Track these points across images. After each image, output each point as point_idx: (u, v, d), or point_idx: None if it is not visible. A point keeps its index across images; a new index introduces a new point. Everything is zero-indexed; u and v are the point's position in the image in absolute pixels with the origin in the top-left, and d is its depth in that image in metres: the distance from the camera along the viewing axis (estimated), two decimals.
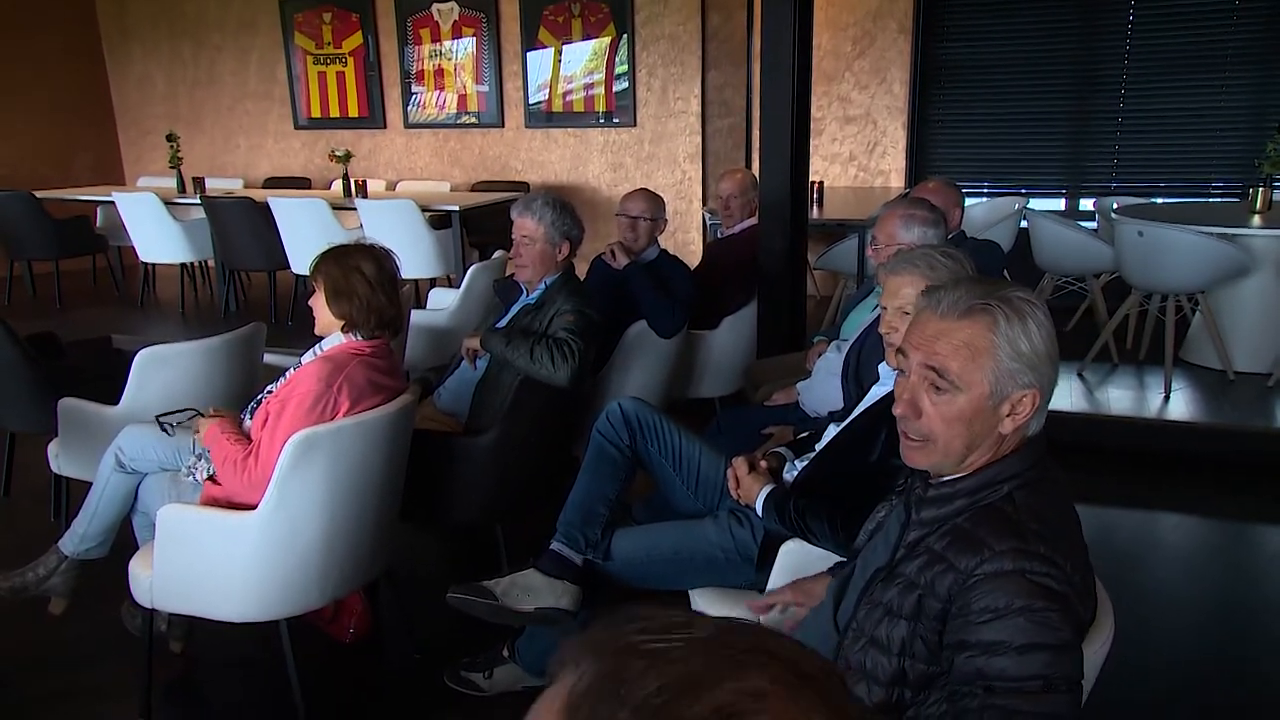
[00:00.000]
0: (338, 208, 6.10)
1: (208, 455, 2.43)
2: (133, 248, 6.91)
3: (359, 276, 2.40)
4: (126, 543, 2.68)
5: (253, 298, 7.08)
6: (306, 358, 2.49)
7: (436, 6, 7.46)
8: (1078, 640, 1.28)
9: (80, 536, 2.64)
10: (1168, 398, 4.76)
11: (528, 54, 7.29)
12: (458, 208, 6.02)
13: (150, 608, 2.34)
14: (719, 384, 4.11)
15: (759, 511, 2.13)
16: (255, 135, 8.39)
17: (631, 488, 2.72)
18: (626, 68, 7.02)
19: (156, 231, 6.70)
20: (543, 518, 2.75)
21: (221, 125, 8.47)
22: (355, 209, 6.13)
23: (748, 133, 7.14)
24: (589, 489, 2.61)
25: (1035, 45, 6.80)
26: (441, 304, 4.57)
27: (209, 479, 2.44)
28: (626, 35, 6.96)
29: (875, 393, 2.22)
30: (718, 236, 4.67)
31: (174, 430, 2.59)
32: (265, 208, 6.15)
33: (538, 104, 7.39)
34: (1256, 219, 5.06)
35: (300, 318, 6.06)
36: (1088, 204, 6.81)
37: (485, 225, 6.58)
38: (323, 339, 2.49)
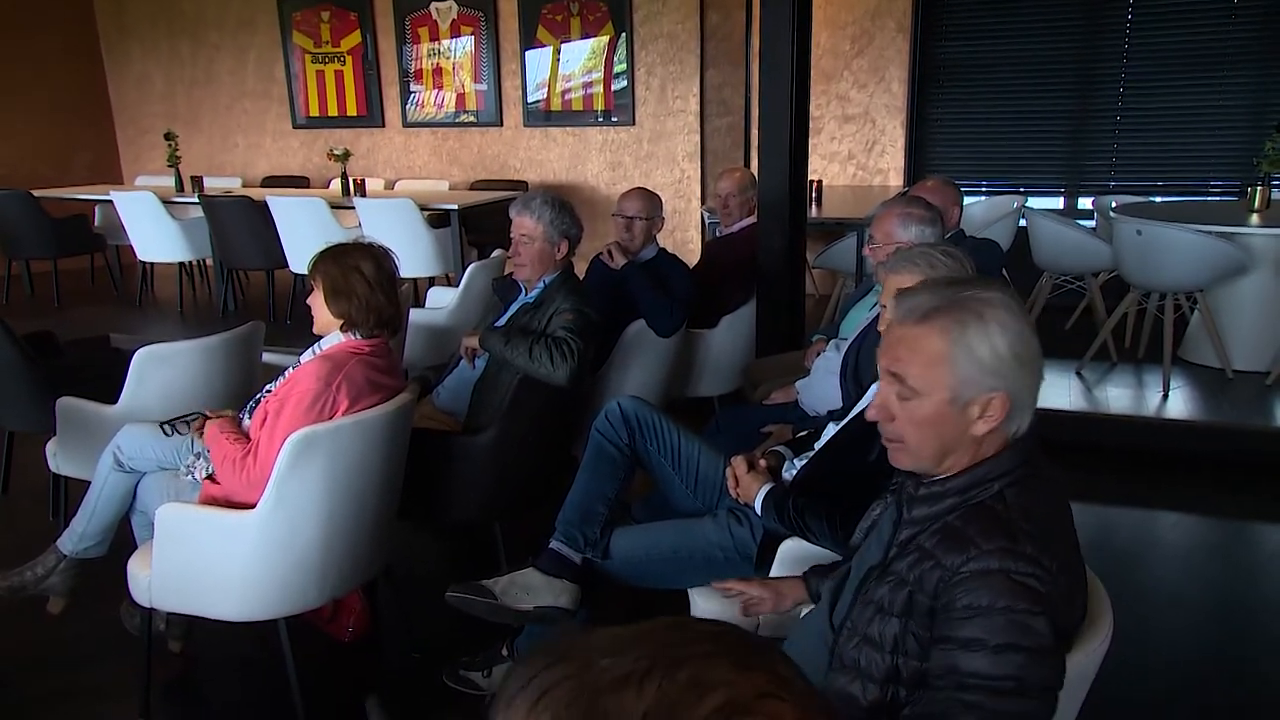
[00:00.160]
0: (336, 207, 6.10)
1: (206, 454, 2.43)
2: (131, 247, 6.91)
3: (358, 276, 2.40)
4: (125, 542, 2.68)
5: (251, 297, 7.08)
6: (305, 357, 2.49)
7: (435, 5, 7.45)
8: (1058, 647, 1.28)
9: (79, 535, 2.64)
10: (1166, 396, 4.76)
11: (526, 53, 7.29)
12: (456, 206, 6.01)
13: (149, 607, 2.34)
14: (718, 383, 4.11)
15: (758, 510, 2.13)
16: (253, 134, 8.38)
17: (630, 487, 2.73)
18: (625, 66, 7.02)
19: (155, 230, 6.69)
20: (541, 517, 2.75)
21: (220, 124, 8.47)
22: (354, 208, 6.12)
23: (746, 131, 7.14)
24: (588, 488, 2.61)
25: (1034, 44, 6.80)
26: (440, 303, 4.57)
27: (208, 478, 2.44)
28: (625, 34, 6.96)
29: (874, 391, 2.22)
30: (716, 235, 4.67)
31: (175, 432, 2.59)
32: (264, 207, 6.15)
33: (536, 103, 7.39)
34: (1255, 218, 5.06)
35: (299, 317, 6.06)
36: (1086, 203, 6.82)
37: (484, 224, 6.58)
38: (321, 338, 2.49)
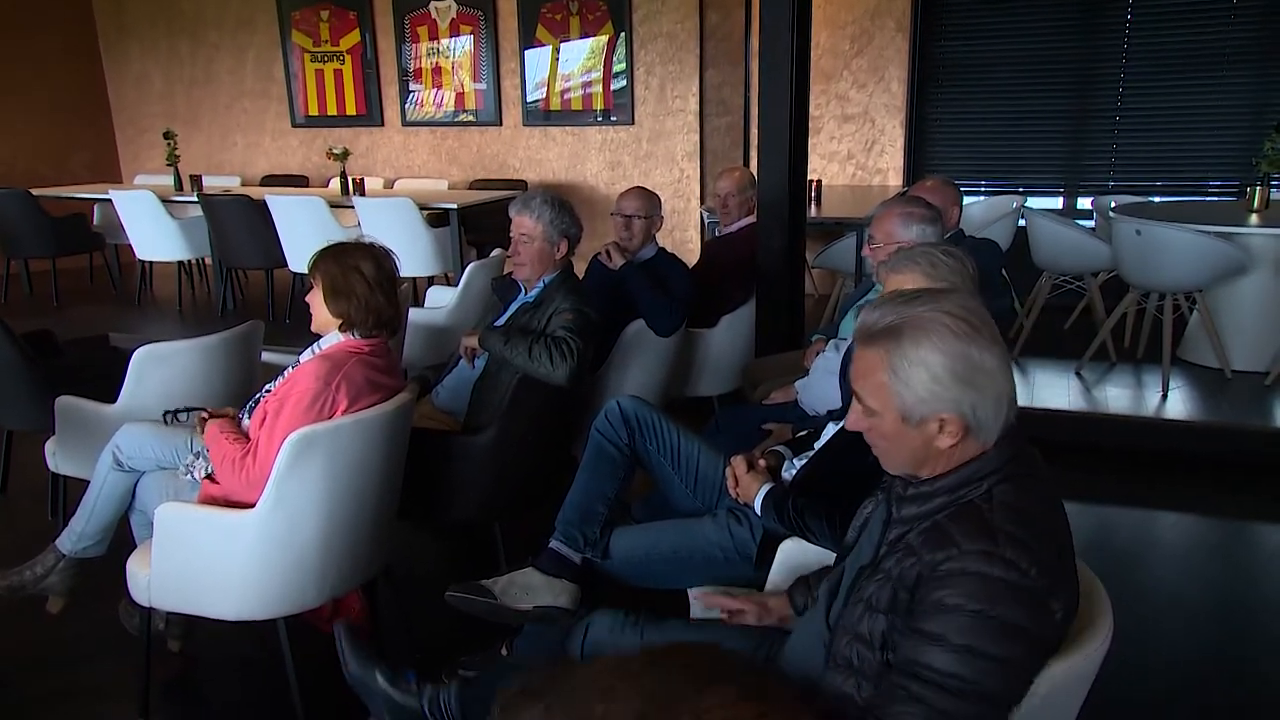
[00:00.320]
0: (335, 206, 6.10)
1: (205, 453, 2.43)
2: (130, 246, 6.91)
3: (358, 276, 2.40)
4: (124, 541, 2.67)
5: (250, 296, 7.08)
6: (305, 356, 2.49)
7: (434, 4, 7.45)
8: (1028, 660, 1.27)
9: (78, 535, 2.64)
10: (1165, 396, 4.76)
11: (525, 52, 7.29)
12: (455, 206, 6.01)
13: (148, 606, 2.34)
14: (717, 382, 4.11)
15: (758, 510, 2.13)
16: (253, 133, 8.38)
17: (630, 487, 2.72)
18: (624, 66, 7.02)
19: (154, 229, 6.69)
20: (541, 516, 2.75)
21: (219, 123, 8.46)
22: (353, 207, 6.12)
23: (746, 131, 7.14)
24: (588, 487, 2.61)
25: (1033, 44, 6.80)
26: (439, 302, 4.57)
27: (207, 477, 2.43)
28: (624, 33, 6.96)
29: None
30: (716, 235, 4.67)
31: (175, 420, 2.58)
32: (263, 206, 6.15)
33: (535, 102, 7.38)
34: (1254, 218, 5.06)
35: (298, 316, 6.05)
36: (1085, 203, 6.82)
37: (483, 223, 6.58)
38: (321, 337, 2.49)
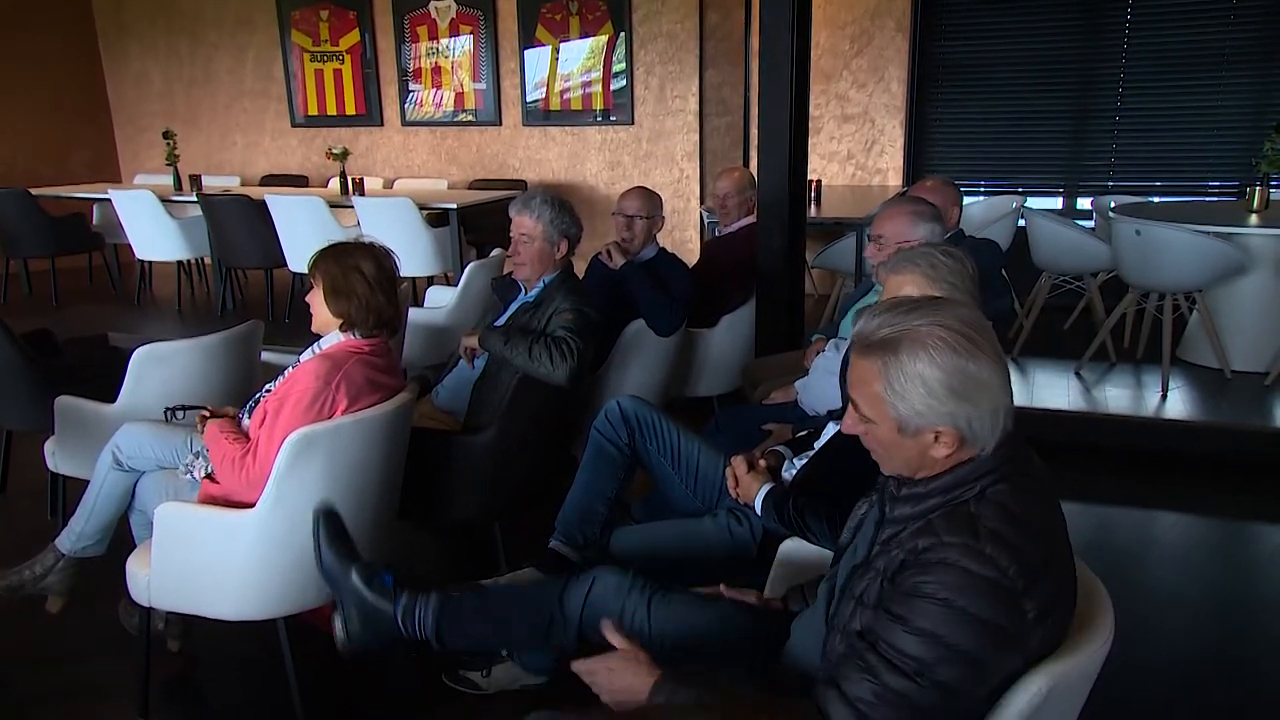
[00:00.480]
0: (335, 205, 6.09)
1: (205, 453, 2.42)
2: (129, 245, 6.91)
3: (358, 276, 2.40)
4: (124, 541, 2.67)
5: (250, 296, 7.07)
6: (305, 356, 2.48)
7: (434, 4, 7.44)
8: (986, 655, 1.28)
9: (77, 535, 2.63)
10: (1165, 396, 4.76)
11: (525, 52, 7.28)
12: (455, 206, 6.01)
13: (148, 606, 2.33)
14: (717, 382, 4.11)
15: (758, 510, 2.13)
16: (252, 133, 8.37)
17: (630, 487, 2.73)
18: (624, 66, 7.02)
19: (153, 229, 6.69)
20: (541, 516, 2.75)
21: (218, 123, 8.46)
22: (352, 207, 6.12)
23: (745, 131, 7.15)
24: (588, 487, 2.61)
25: (1033, 44, 6.80)
26: (439, 302, 4.57)
27: (207, 477, 2.43)
28: (624, 33, 6.95)
29: None
30: (716, 235, 4.67)
31: (174, 418, 2.58)
32: (262, 205, 6.14)
33: (535, 102, 7.38)
34: (1254, 218, 5.07)
35: (297, 316, 6.05)
36: (1085, 203, 6.82)
37: (483, 223, 6.58)
38: (321, 337, 2.49)
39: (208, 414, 2.47)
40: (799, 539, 2.08)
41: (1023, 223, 5.81)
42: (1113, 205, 5.68)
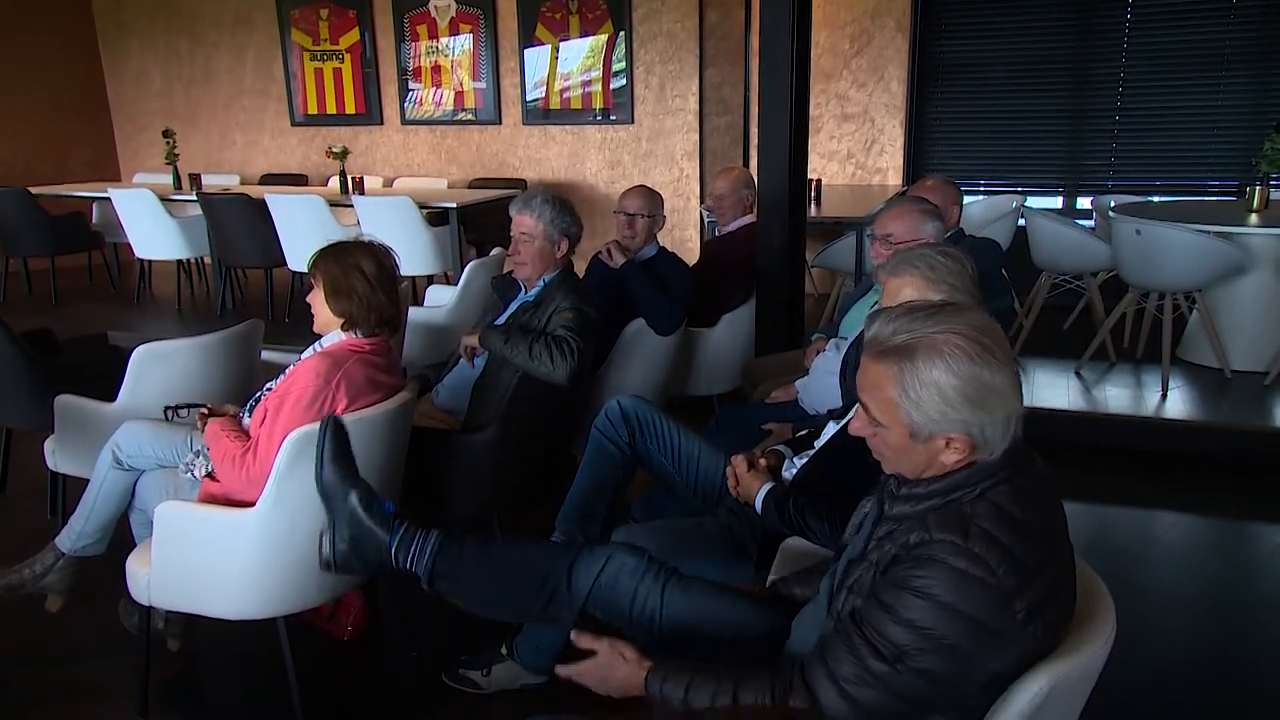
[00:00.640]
0: (335, 204, 6.09)
1: (205, 452, 2.42)
2: (129, 244, 6.90)
3: (359, 275, 2.39)
4: (124, 540, 2.67)
5: (249, 295, 7.07)
6: (305, 355, 2.48)
7: (434, 3, 7.44)
8: (970, 650, 1.29)
9: (77, 534, 2.63)
10: (1165, 396, 4.76)
11: (525, 51, 7.28)
12: (455, 205, 6.01)
13: (148, 605, 2.33)
14: (717, 381, 4.11)
15: (758, 509, 2.13)
16: (252, 131, 8.37)
17: (631, 486, 2.72)
18: (624, 65, 7.02)
19: (153, 228, 6.68)
20: (542, 516, 2.75)
21: (218, 122, 8.45)
22: (352, 206, 6.12)
23: (745, 130, 7.14)
24: (588, 486, 2.61)
25: (1033, 43, 6.80)
26: (439, 301, 4.57)
27: (207, 476, 2.43)
28: (624, 32, 6.95)
29: None
30: (715, 234, 4.67)
31: (176, 416, 2.58)
32: (262, 204, 6.14)
33: (535, 101, 7.38)
34: (1254, 217, 5.06)
35: (297, 315, 6.05)
36: (1085, 202, 6.82)
37: (482, 222, 6.57)
38: (321, 336, 2.49)
39: (207, 412, 2.47)
40: (799, 538, 2.08)
41: (1022, 222, 5.81)
42: (1113, 205, 5.68)
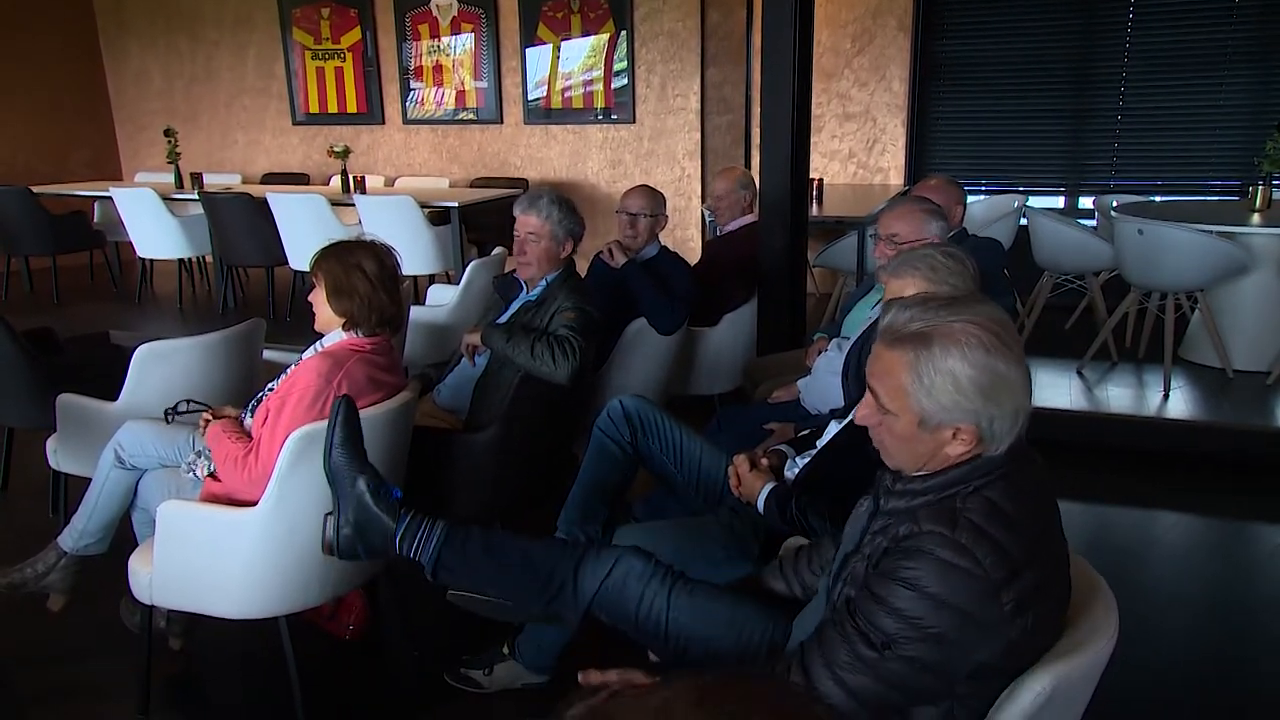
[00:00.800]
0: (336, 204, 6.10)
1: (207, 452, 2.42)
2: (130, 243, 6.91)
3: (360, 274, 2.39)
4: (126, 539, 2.67)
5: (251, 294, 7.08)
6: (307, 354, 2.48)
7: (435, 2, 7.44)
8: (957, 638, 1.30)
9: (79, 533, 2.63)
10: (1167, 396, 4.76)
11: (526, 50, 7.28)
12: (457, 204, 6.01)
13: (149, 604, 2.33)
14: (718, 381, 4.11)
15: (760, 509, 2.13)
16: (253, 131, 8.37)
17: (632, 486, 2.72)
18: (625, 64, 7.01)
19: (154, 227, 6.69)
20: (543, 515, 2.75)
21: (219, 121, 8.46)
22: (354, 205, 6.12)
23: (747, 130, 7.14)
24: (590, 486, 2.61)
25: (1035, 43, 6.80)
26: (441, 300, 4.57)
27: (209, 475, 2.43)
28: (625, 31, 6.95)
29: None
30: (717, 234, 4.67)
31: (176, 417, 2.58)
32: (263, 203, 6.15)
33: (536, 100, 7.38)
34: (1256, 217, 5.06)
35: (299, 314, 6.05)
36: (1087, 202, 6.81)
37: (484, 221, 6.58)
38: (323, 335, 2.49)
39: (209, 417, 2.48)
40: (801, 537, 2.08)
41: (1024, 222, 5.81)
42: (1115, 204, 5.67)
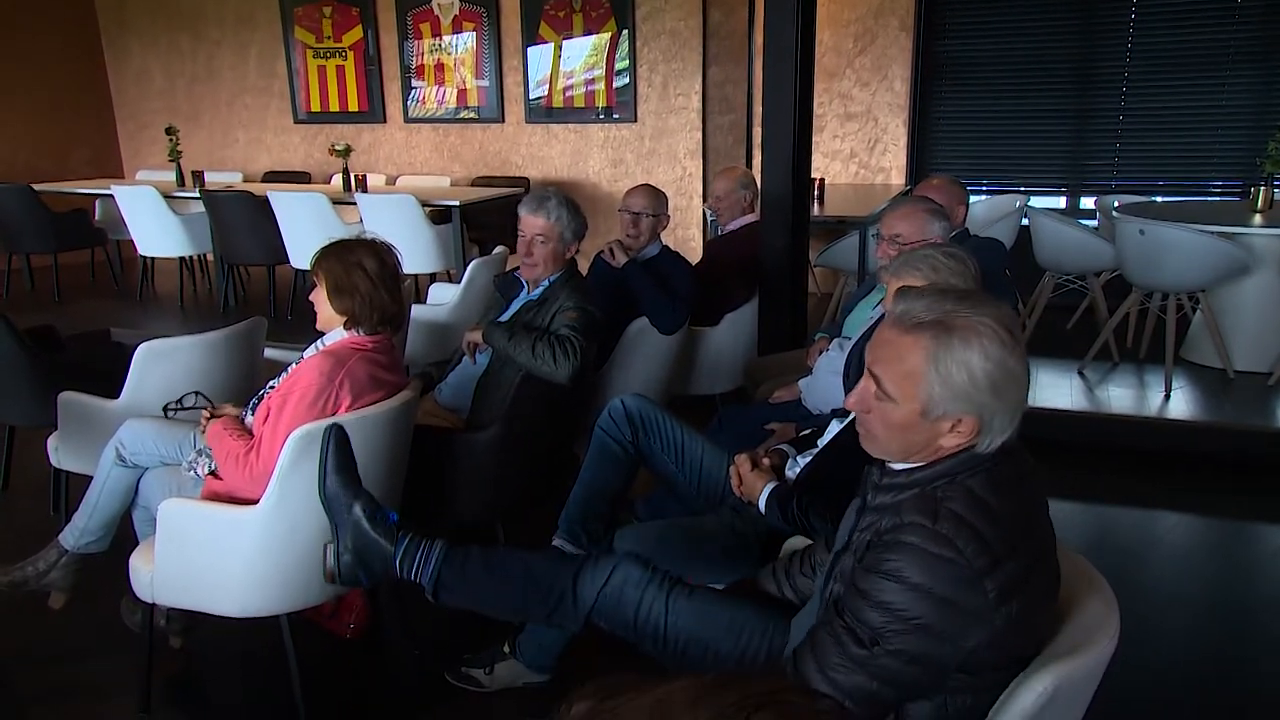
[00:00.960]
0: (337, 202, 6.10)
1: (208, 451, 2.43)
2: (131, 241, 6.91)
3: (361, 273, 2.39)
4: (127, 537, 2.67)
5: (252, 292, 7.08)
6: (308, 353, 2.48)
7: (437, 1, 7.44)
8: (943, 627, 1.31)
9: (80, 531, 2.64)
10: (1168, 396, 4.76)
11: (528, 49, 7.28)
12: (458, 203, 6.01)
13: (150, 602, 2.33)
14: (720, 381, 4.11)
15: (762, 508, 2.13)
16: (254, 129, 8.37)
17: (633, 485, 2.72)
18: (627, 63, 7.01)
19: (156, 225, 6.69)
20: (544, 515, 2.75)
21: (220, 119, 8.45)
22: (355, 203, 6.12)
23: (748, 129, 7.14)
24: (591, 485, 2.61)
25: (1036, 43, 6.79)
26: (442, 299, 4.57)
27: (210, 474, 2.43)
28: (627, 31, 6.95)
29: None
30: (718, 233, 4.67)
31: (178, 410, 2.58)
32: (265, 202, 6.15)
33: (538, 99, 7.38)
34: (1257, 218, 5.06)
35: (300, 312, 6.05)
36: (1088, 202, 6.81)
37: (485, 220, 6.58)
38: (324, 334, 2.49)
39: (209, 416, 2.48)
40: (803, 537, 2.08)
41: (1026, 222, 5.80)
42: (1116, 204, 5.67)
